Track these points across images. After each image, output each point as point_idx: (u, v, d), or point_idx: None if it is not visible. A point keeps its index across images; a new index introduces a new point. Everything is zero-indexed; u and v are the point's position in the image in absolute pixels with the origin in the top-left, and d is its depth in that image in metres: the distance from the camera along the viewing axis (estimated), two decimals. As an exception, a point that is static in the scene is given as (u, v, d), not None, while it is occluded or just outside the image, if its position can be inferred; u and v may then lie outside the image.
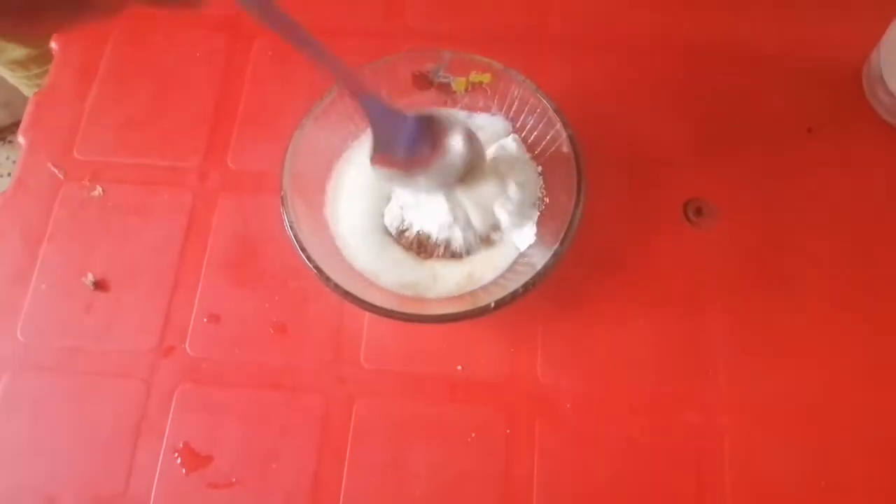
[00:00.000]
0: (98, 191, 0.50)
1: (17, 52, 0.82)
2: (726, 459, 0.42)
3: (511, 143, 0.46)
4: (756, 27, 0.54)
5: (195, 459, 0.43)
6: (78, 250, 0.48)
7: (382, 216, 0.46)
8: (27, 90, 0.90)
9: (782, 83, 0.52)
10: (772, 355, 0.45)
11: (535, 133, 0.45)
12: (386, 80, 0.45)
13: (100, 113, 0.52)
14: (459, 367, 0.45)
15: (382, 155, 0.40)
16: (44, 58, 0.83)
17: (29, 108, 0.53)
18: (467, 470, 0.42)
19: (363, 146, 0.46)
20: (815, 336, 0.45)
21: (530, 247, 0.44)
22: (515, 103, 0.45)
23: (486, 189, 0.43)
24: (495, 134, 0.47)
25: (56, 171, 0.50)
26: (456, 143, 0.40)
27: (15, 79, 0.88)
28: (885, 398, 0.44)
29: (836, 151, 0.50)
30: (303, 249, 0.39)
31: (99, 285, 0.47)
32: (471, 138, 0.41)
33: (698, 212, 0.48)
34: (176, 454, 0.43)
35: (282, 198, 0.40)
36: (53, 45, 0.56)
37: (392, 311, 0.39)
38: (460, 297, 0.43)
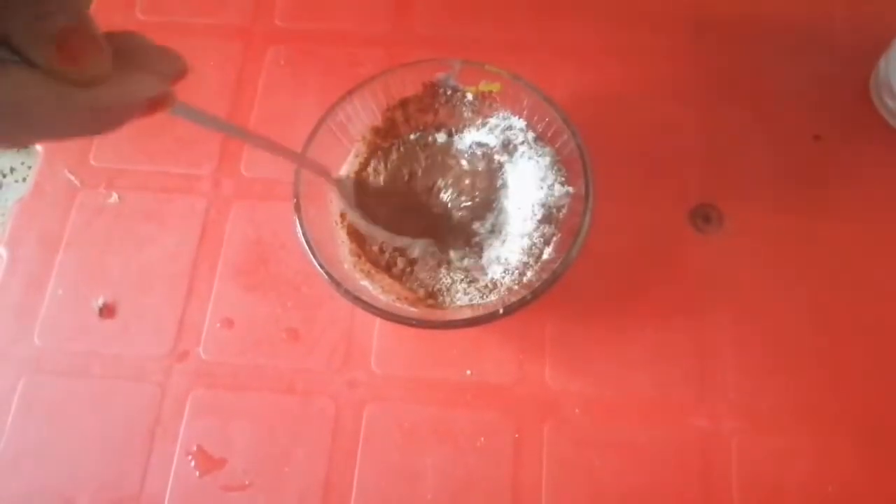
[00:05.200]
0: (114, 197, 0.51)
1: None
2: (734, 465, 0.43)
3: None
4: (762, 35, 0.54)
5: (209, 462, 0.43)
6: (94, 256, 0.49)
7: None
8: None
9: (789, 91, 0.52)
10: (779, 361, 0.45)
11: (545, 141, 0.46)
12: (396, 90, 0.46)
13: (115, 121, 0.53)
14: (468, 372, 0.45)
15: None
16: None
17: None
18: (476, 474, 0.43)
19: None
20: (822, 342, 0.45)
21: (542, 252, 0.44)
22: (525, 112, 0.46)
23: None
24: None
25: (72, 178, 0.51)
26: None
27: None
28: (893, 403, 0.44)
29: (844, 158, 0.50)
30: (314, 256, 0.40)
31: (105, 311, 0.48)
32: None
33: (706, 219, 0.48)
34: (190, 457, 0.43)
35: (294, 205, 0.41)
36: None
37: (402, 317, 0.39)
38: (470, 302, 0.44)
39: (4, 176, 1.19)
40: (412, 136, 0.48)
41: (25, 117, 0.22)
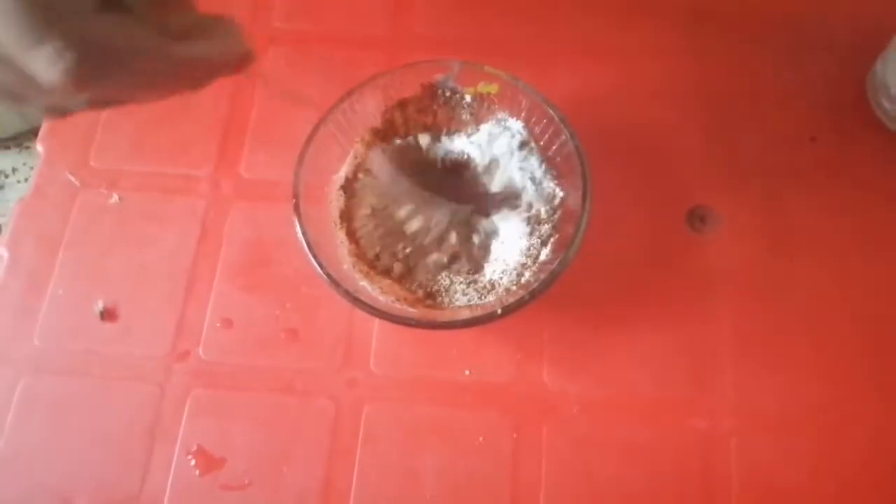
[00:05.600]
0: (115, 198, 0.51)
1: None
2: (733, 464, 0.43)
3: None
4: (759, 37, 0.54)
5: (209, 461, 0.43)
6: (94, 256, 0.49)
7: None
8: None
9: (786, 92, 0.52)
10: (777, 360, 0.45)
11: (542, 142, 0.46)
12: (395, 91, 0.46)
13: (115, 121, 0.53)
14: (467, 372, 0.45)
15: None
16: None
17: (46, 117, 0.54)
18: (475, 474, 0.43)
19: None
20: (820, 341, 0.45)
21: (539, 253, 0.44)
22: (523, 113, 0.46)
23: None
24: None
25: (73, 179, 0.51)
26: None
27: None
28: (892, 402, 0.44)
29: (840, 160, 0.50)
30: (314, 256, 0.40)
31: (106, 315, 0.48)
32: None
33: (702, 219, 0.48)
34: (190, 456, 0.44)
35: (294, 206, 0.41)
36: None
37: (401, 318, 0.40)
38: (468, 303, 0.44)
39: (6, 176, 1.19)
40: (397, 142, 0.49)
41: (132, 60, 0.25)
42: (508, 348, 0.46)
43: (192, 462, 0.43)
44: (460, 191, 0.47)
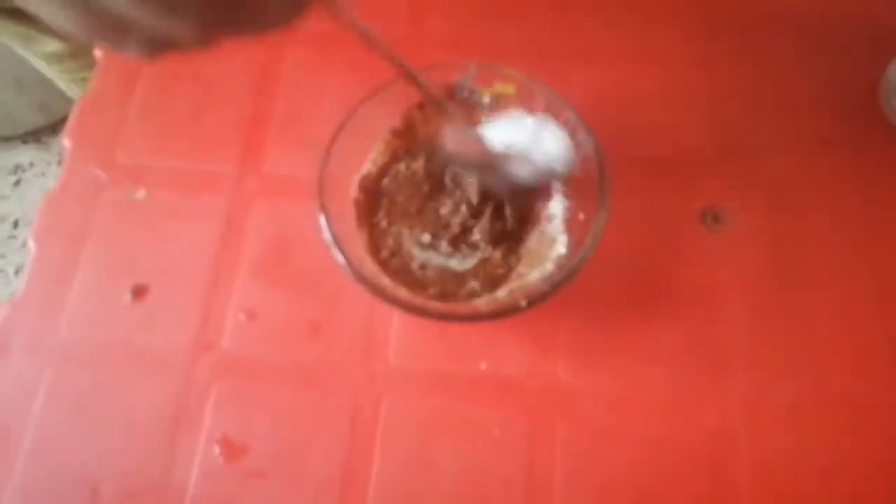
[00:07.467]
0: (141, 193, 0.52)
1: (53, 45, 0.82)
2: (745, 461, 0.43)
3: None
4: (772, 42, 0.55)
5: (232, 450, 0.45)
6: (120, 250, 0.50)
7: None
8: (62, 83, 0.91)
9: (799, 95, 0.53)
10: (789, 359, 0.46)
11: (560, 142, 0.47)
12: (415, 92, 0.47)
13: (141, 118, 0.55)
14: (483, 366, 0.46)
15: None
16: (79, 53, 0.83)
17: (73, 112, 0.55)
18: (491, 466, 0.44)
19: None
20: (831, 340, 0.46)
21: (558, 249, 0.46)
22: (540, 114, 0.47)
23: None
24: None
25: (100, 174, 0.53)
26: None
27: (50, 71, 0.88)
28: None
29: (853, 163, 0.50)
30: (342, 253, 0.41)
31: (137, 293, 0.49)
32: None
33: (716, 219, 0.49)
34: (214, 444, 0.45)
35: (320, 205, 0.42)
36: (96, 51, 0.59)
37: (428, 311, 0.40)
38: (488, 295, 0.45)
39: (24, 171, 1.21)
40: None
41: None
42: (524, 343, 0.47)
43: (217, 450, 0.45)
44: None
